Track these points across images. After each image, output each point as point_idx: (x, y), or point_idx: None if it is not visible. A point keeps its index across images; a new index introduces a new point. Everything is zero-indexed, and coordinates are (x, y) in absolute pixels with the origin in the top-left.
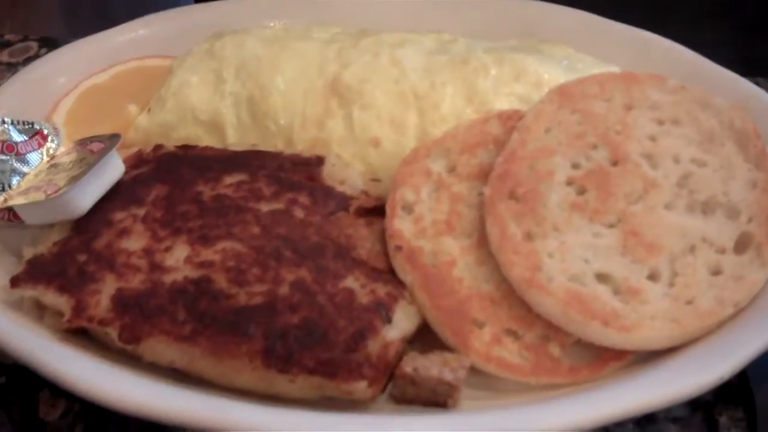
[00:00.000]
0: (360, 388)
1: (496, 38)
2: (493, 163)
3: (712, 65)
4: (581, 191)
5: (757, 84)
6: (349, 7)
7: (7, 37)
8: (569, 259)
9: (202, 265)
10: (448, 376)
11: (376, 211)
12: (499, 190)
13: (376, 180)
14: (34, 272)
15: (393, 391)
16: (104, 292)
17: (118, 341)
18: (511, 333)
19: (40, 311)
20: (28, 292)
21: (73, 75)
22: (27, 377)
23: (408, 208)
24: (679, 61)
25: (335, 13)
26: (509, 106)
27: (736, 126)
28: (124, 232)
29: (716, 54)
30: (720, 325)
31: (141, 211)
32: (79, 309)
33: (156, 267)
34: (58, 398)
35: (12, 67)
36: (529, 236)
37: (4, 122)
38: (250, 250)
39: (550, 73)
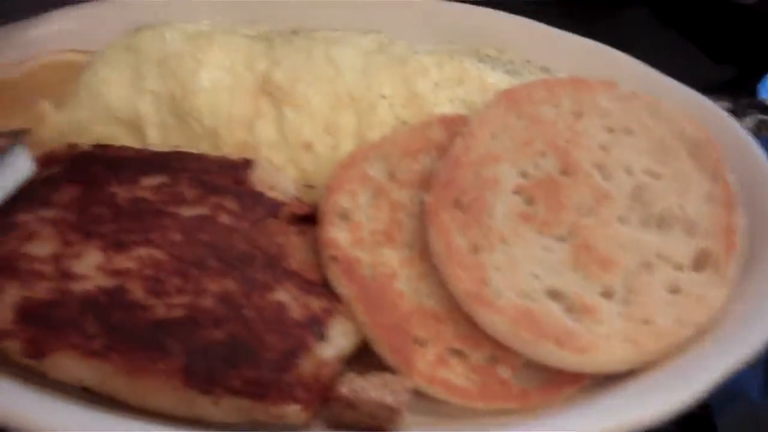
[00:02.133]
0: (292, 411)
1: (429, 42)
2: (435, 169)
3: (661, 76)
4: (530, 201)
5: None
6: (280, 7)
7: None
8: (518, 274)
9: (116, 273)
10: (388, 399)
11: (308, 219)
12: (443, 198)
13: (309, 186)
14: None
15: (328, 416)
16: (6, 301)
17: (21, 356)
18: (457, 353)
19: None
20: None
21: None
22: None
23: (344, 216)
24: (627, 70)
25: (264, 13)
26: (452, 111)
27: (689, 134)
28: (30, 236)
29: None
30: (680, 347)
31: (50, 214)
32: None
33: (65, 275)
34: None
35: None
36: (475, 248)
37: None
38: (170, 257)
39: (495, 77)
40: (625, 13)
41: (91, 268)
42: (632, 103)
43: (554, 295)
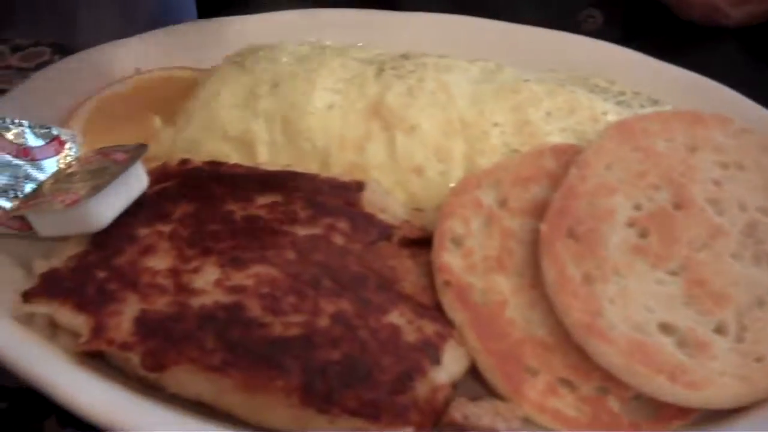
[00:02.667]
0: None
1: (534, 69)
2: (546, 198)
3: (760, 109)
4: (643, 234)
5: None
6: (386, 30)
7: (18, 41)
8: (631, 307)
9: (233, 289)
10: (500, 426)
11: (420, 243)
12: (557, 227)
13: (418, 210)
14: (49, 287)
15: None
16: (126, 314)
17: (141, 368)
18: (567, 383)
19: (52, 330)
20: (42, 308)
21: (93, 82)
22: (31, 403)
23: (457, 242)
24: (731, 105)
25: (371, 35)
26: (562, 140)
27: None
28: (148, 250)
29: None
30: None
31: (167, 228)
32: (98, 330)
33: (183, 289)
34: (66, 428)
35: (23, 72)
36: (588, 279)
37: (20, 125)
38: (286, 276)
39: (606, 108)
40: (713, 47)
41: (209, 283)
42: (746, 139)
43: (667, 329)
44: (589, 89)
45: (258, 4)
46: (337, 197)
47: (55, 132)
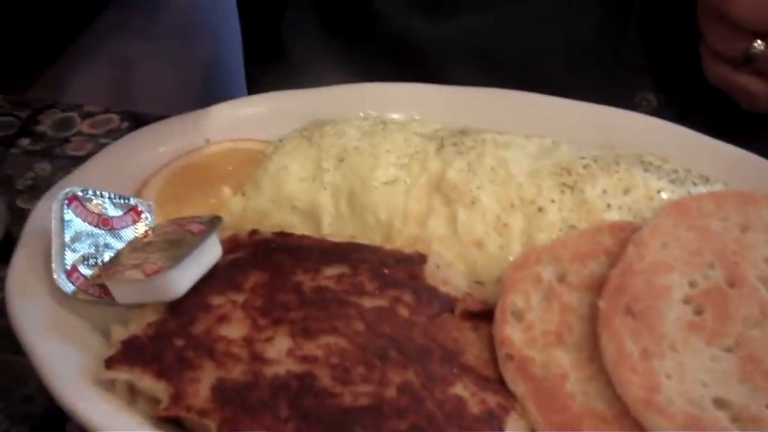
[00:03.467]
0: None
1: (589, 145)
2: (604, 274)
3: None
4: (698, 311)
5: None
6: (440, 104)
7: (88, 108)
8: (687, 382)
9: (304, 359)
10: None
11: (482, 315)
12: (615, 304)
13: (479, 282)
14: (131, 354)
15: None
16: (204, 381)
17: None
18: None
19: (132, 395)
20: (123, 375)
21: (165, 152)
22: None
23: (518, 315)
24: None
25: (428, 109)
26: (619, 218)
27: None
28: (222, 319)
29: None
30: None
31: (240, 298)
32: (177, 397)
33: (257, 358)
34: None
35: (93, 138)
36: (646, 355)
37: (102, 195)
38: (355, 347)
39: (661, 186)
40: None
41: (281, 353)
42: None
43: (721, 404)
44: (644, 167)
45: (301, 63)
46: (401, 269)
47: (132, 202)
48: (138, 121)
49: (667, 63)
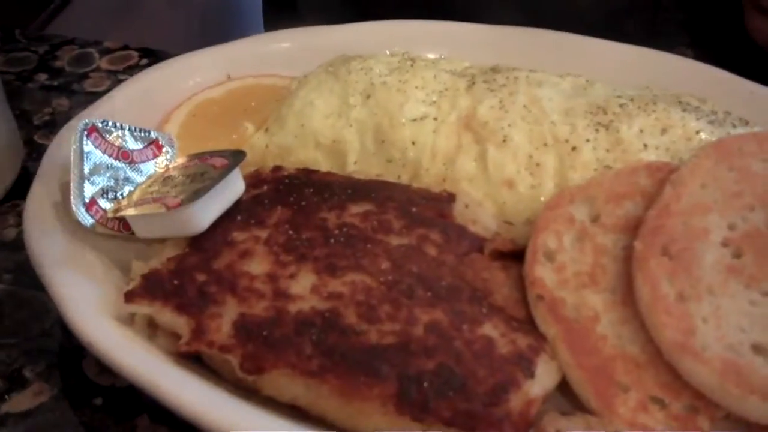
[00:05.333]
0: None
1: (625, 86)
2: (639, 215)
3: None
4: (737, 254)
5: None
6: (471, 43)
7: (107, 44)
8: (725, 327)
9: (330, 296)
10: None
11: (511, 256)
12: (652, 245)
13: (509, 223)
14: (151, 288)
15: None
16: (225, 317)
17: (239, 370)
18: (657, 400)
19: (151, 330)
20: (143, 309)
21: (187, 87)
22: (125, 401)
23: (549, 256)
24: None
25: (459, 47)
26: (656, 158)
27: None
28: (245, 254)
29: None
30: None
31: (263, 233)
32: (198, 332)
33: (281, 294)
34: (159, 425)
35: (111, 74)
36: (682, 297)
37: (121, 127)
38: (381, 285)
39: (700, 127)
40: None
41: (305, 289)
42: None
43: (759, 349)
44: (682, 108)
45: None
46: (429, 208)
47: (153, 135)
48: (157, 57)
49: (705, 18)
